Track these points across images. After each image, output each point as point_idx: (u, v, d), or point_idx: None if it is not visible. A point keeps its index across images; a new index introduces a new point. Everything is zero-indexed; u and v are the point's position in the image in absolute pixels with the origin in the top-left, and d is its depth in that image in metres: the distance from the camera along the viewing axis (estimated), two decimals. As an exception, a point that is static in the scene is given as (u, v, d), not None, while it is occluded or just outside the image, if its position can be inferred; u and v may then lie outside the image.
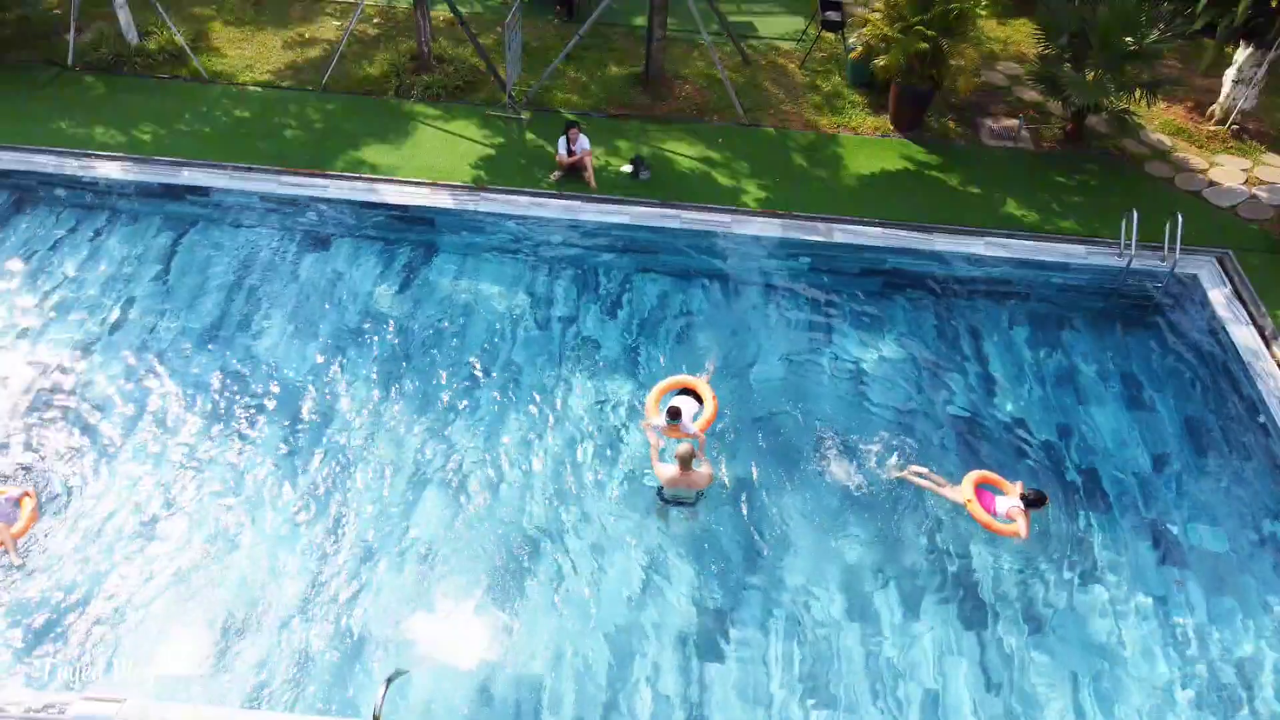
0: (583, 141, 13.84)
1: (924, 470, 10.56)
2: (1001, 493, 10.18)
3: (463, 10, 16.65)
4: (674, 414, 10.25)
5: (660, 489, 10.14)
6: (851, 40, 16.03)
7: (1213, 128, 15.82)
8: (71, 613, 9.11)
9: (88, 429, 10.76)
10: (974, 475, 10.29)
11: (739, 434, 11.10)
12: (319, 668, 8.87)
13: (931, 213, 13.78)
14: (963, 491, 10.14)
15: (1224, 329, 12.18)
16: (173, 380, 11.35)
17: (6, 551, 9.42)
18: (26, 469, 10.30)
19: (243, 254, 13.07)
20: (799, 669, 9.06)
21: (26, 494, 9.81)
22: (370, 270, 12.94)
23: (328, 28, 17.54)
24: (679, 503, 10.16)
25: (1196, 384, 11.98)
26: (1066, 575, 9.91)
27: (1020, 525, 9.76)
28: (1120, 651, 9.31)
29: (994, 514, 9.93)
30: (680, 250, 13.30)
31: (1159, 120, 15.96)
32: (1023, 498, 9.86)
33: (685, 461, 9.75)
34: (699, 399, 10.78)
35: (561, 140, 13.88)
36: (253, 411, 11.06)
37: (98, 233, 13.25)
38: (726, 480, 10.57)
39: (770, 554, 9.96)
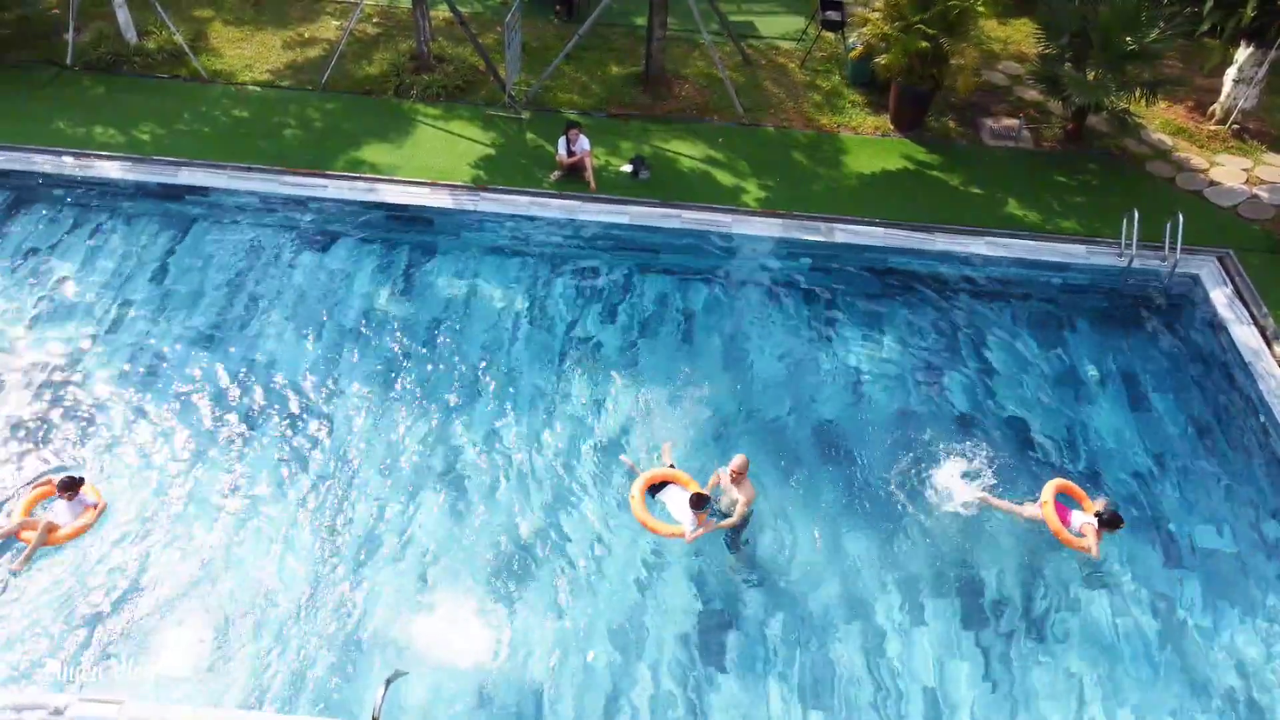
0: (582, 142, 13.82)
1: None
2: (1079, 506, 10.06)
3: (462, 10, 16.62)
4: (700, 502, 9.48)
5: (737, 531, 9.81)
6: (852, 40, 16.02)
7: (1213, 127, 15.80)
8: (70, 614, 9.08)
9: (85, 429, 10.73)
10: (1056, 484, 10.17)
11: (738, 436, 11.08)
12: (318, 669, 8.84)
13: (932, 212, 13.76)
14: (1041, 496, 10.04)
15: (1225, 329, 12.17)
16: (171, 381, 11.31)
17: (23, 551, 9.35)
18: (22, 470, 10.31)
19: (242, 254, 13.04)
20: (800, 672, 9.04)
21: (98, 505, 9.70)
22: (370, 270, 12.92)
23: (327, 27, 17.52)
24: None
25: (1198, 384, 11.96)
26: (1067, 575, 9.88)
27: (1091, 542, 9.57)
28: (1122, 652, 9.29)
29: (1068, 526, 9.83)
30: (680, 249, 13.29)
31: (1159, 120, 15.94)
32: (1097, 515, 9.68)
33: (744, 469, 9.66)
34: (677, 482, 10.10)
35: (561, 140, 13.85)
36: (252, 412, 11.04)
37: (97, 232, 13.22)
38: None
39: (770, 554, 9.95)
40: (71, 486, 9.46)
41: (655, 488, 10.05)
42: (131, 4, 16.09)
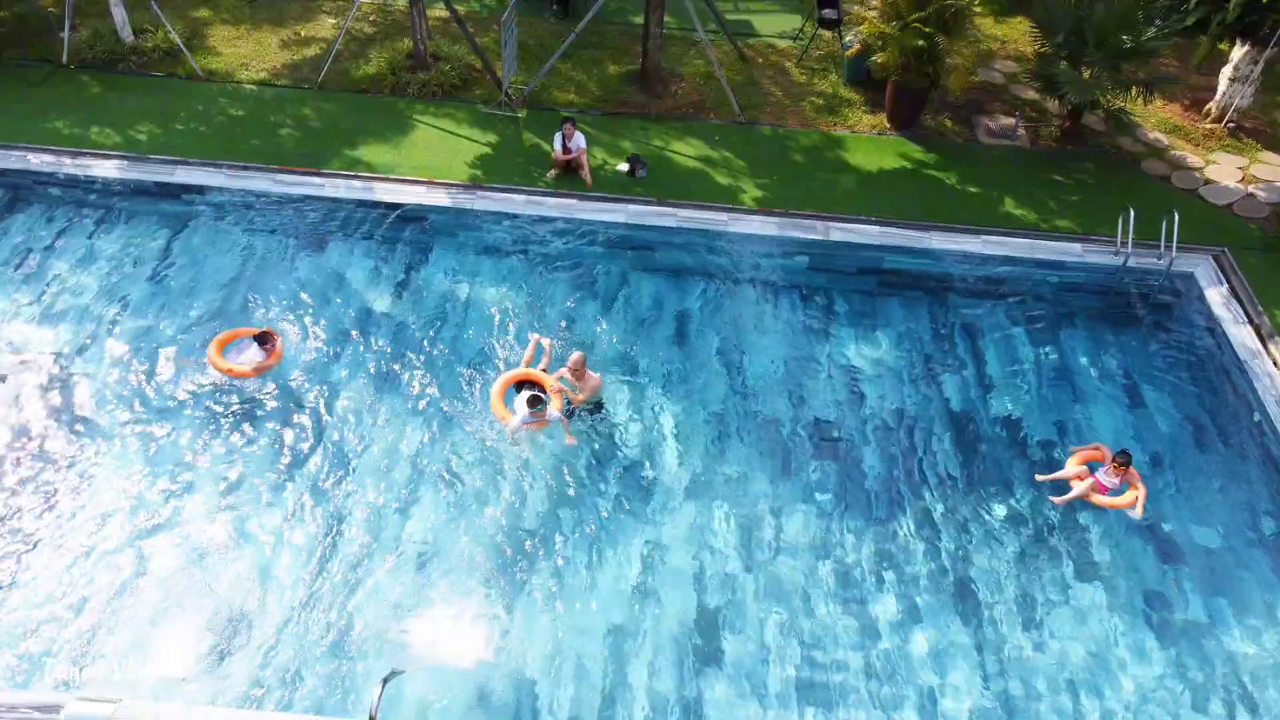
0: (578, 139, 13.81)
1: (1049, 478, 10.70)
2: (1100, 464, 10.48)
3: (459, 8, 16.61)
4: (535, 402, 10.46)
5: (572, 409, 10.98)
6: (848, 38, 16.02)
7: (1209, 125, 15.82)
8: (67, 613, 9.09)
9: (83, 429, 10.73)
10: (1078, 458, 10.60)
11: (733, 431, 11.10)
12: (314, 668, 8.85)
13: (928, 211, 13.77)
14: (1086, 480, 10.35)
15: (1220, 327, 12.19)
16: (168, 379, 11.31)
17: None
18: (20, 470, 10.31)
19: (238, 253, 13.03)
20: (795, 667, 9.07)
21: (269, 333, 11.24)
22: (366, 269, 12.91)
23: (324, 26, 17.50)
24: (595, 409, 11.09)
25: (1193, 382, 11.97)
26: (1063, 573, 9.91)
27: (1140, 490, 10.20)
28: (1116, 649, 9.32)
29: (1105, 490, 10.25)
30: (677, 248, 13.29)
31: (1155, 118, 15.96)
32: (1119, 462, 10.16)
33: (581, 366, 10.75)
34: (542, 387, 10.99)
35: (557, 136, 13.85)
36: (248, 411, 11.03)
37: (93, 232, 13.20)
38: (722, 478, 10.61)
39: (767, 551, 9.97)
40: (265, 339, 11.16)
41: (520, 386, 11.09)
42: (128, 2, 16.07)
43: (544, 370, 11.25)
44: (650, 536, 10.04)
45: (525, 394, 10.65)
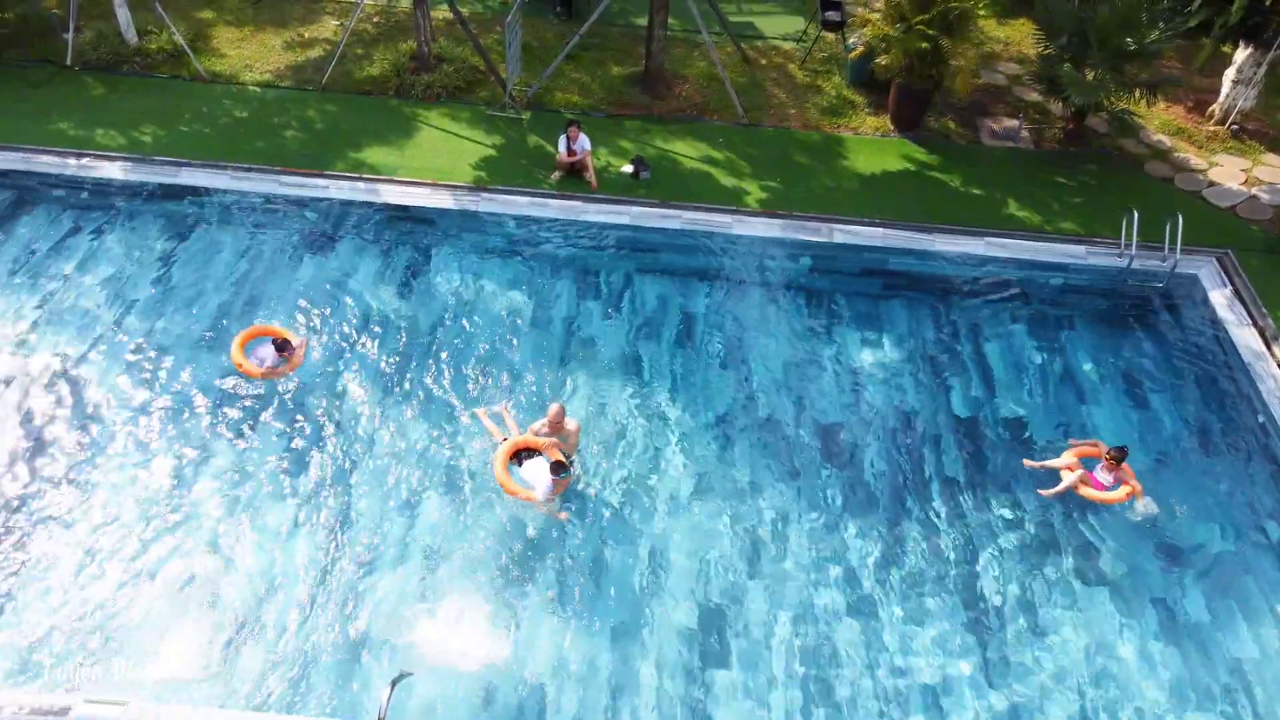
0: (583, 141, 13.82)
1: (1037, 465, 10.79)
2: (1096, 460, 10.53)
3: (462, 10, 16.62)
4: (559, 469, 9.89)
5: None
6: (852, 40, 16.03)
7: (1212, 128, 15.83)
8: (74, 615, 9.11)
9: (88, 430, 10.74)
10: (1073, 453, 10.62)
11: (737, 433, 11.11)
12: (323, 670, 8.86)
13: (932, 213, 13.78)
14: (1075, 472, 10.41)
15: (1224, 329, 12.20)
16: (173, 381, 11.32)
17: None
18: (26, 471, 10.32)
19: (242, 254, 13.04)
20: (799, 669, 9.08)
21: (289, 341, 11.24)
22: (370, 270, 12.92)
23: (327, 27, 17.51)
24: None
25: (1197, 385, 11.98)
26: (1066, 575, 9.92)
27: (1133, 485, 10.25)
28: (1120, 652, 9.33)
29: (1100, 487, 10.29)
30: (681, 249, 13.30)
31: (1159, 120, 15.97)
32: (1112, 456, 10.21)
33: (560, 417, 10.22)
34: (539, 452, 10.38)
35: (561, 139, 13.86)
36: (254, 412, 11.04)
37: (97, 233, 13.22)
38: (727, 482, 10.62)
39: (770, 552, 9.99)
40: (284, 346, 11.13)
41: (519, 455, 10.39)
42: (131, 4, 16.08)
43: (517, 429, 10.76)
44: (654, 539, 10.04)
45: (540, 460, 10.17)
